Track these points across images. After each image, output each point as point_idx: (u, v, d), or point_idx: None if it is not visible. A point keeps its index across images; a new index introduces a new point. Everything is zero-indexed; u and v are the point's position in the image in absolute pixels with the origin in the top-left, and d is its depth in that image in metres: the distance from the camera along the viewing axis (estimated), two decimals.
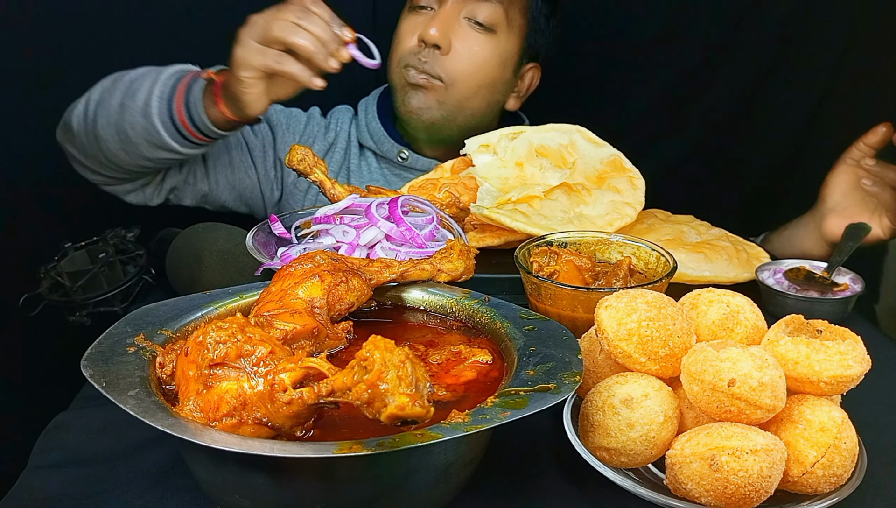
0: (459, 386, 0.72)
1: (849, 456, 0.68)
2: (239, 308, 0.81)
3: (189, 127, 1.23)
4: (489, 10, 1.47)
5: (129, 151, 1.27)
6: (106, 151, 1.29)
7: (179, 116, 1.23)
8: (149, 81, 1.26)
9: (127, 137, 1.25)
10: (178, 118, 1.23)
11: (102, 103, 1.28)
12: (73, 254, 1.21)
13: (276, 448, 0.57)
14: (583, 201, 1.23)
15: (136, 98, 1.24)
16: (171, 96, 1.23)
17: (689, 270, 1.14)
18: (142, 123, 1.23)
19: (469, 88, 1.50)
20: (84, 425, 0.85)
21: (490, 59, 1.50)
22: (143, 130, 1.23)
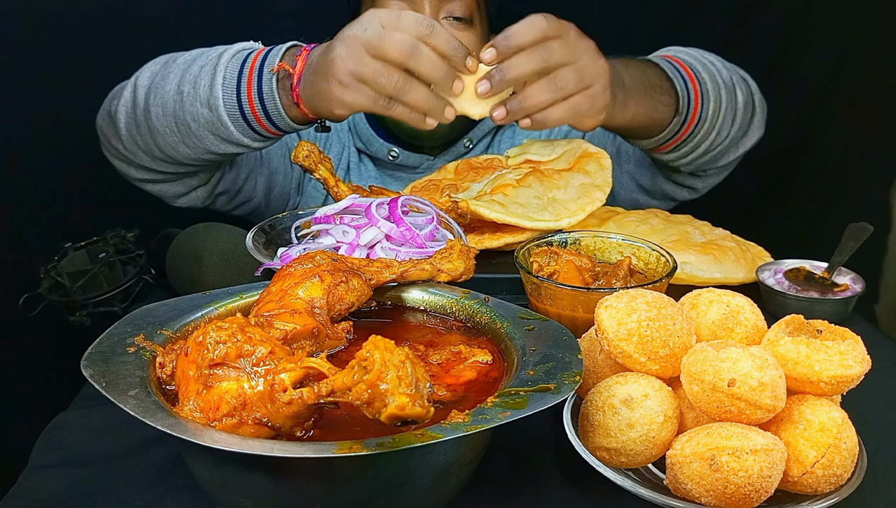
0: (459, 386, 0.72)
1: (849, 456, 0.68)
2: (239, 308, 0.81)
3: (263, 122, 1.12)
4: (465, 3, 1.44)
5: (191, 144, 1.16)
6: (163, 145, 1.18)
7: (252, 109, 1.11)
8: (209, 66, 1.13)
9: (188, 129, 1.14)
10: (251, 112, 1.11)
11: (155, 91, 1.17)
12: (73, 254, 1.21)
13: (276, 448, 0.57)
14: (555, 185, 1.23)
15: (198, 86, 1.12)
16: (238, 86, 1.11)
17: (700, 271, 1.14)
18: (206, 116, 1.12)
19: None
20: (84, 425, 0.85)
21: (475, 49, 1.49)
22: (208, 123, 1.12)
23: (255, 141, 1.16)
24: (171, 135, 1.16)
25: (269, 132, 1.14)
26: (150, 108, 1.16)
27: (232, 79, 1.11)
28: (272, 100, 1.10)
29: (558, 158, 1.33)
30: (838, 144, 1.78)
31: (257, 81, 1.10)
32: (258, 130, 1.13)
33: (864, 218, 1.31)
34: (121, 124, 1.21)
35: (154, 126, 1.17)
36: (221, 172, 1.34)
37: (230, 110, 1.11)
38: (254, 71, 1.11)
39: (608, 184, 1.24)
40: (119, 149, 1.25)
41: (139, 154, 1.23)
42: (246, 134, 1.13)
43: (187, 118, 1.13)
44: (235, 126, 1.12)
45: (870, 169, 1.80)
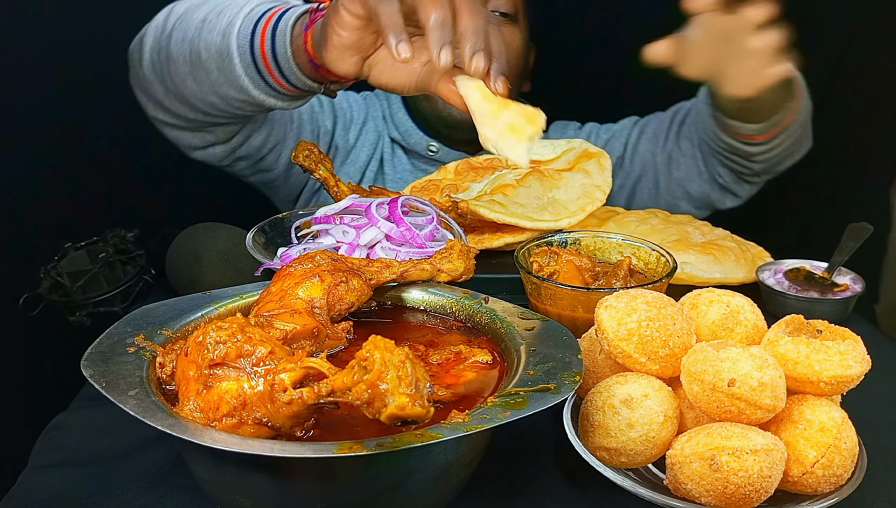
0: (459, 386, 0.72)
1: (849, 456, 0.68)
2: (239, 308, 0.81)
3: (268, 61, 1.01)
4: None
5: (199, 77, 1.08)
6: (174, 74, 1.11)
7: (261, 45, 1.01)
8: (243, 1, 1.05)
9: (199, 58, 1.06)
10: (259, 48, 1.01)
11: (185, 17, 1.10)
12: (73, 254, 1.21)
13: (276, 448, 0.57)
14: (555, 185, 1.23)
15: (223, 15, 1.05)
16: (259, 18, 1.02)
17: (701, 271, 1.14)
18: (217, 44, 1.03)
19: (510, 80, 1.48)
20: (84, 425, 0.85)
21: (519, 47, 1.49)
22: (217, 53, 1.04)
23: (256, 86, 1.04)
24: (183, 64, 1.09)
25: (271, 73, 1.03)
26: (174, 32, 1.10)
27: (259, 11, 1.03)
28: (284, 32, 1.00)
29: (558, 157, 1.33)
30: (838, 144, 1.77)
31: (280, 15, 1.01)
32: (260, 69, 1.03)
33: (864, 218, 1.31)
34: (146, 48, 1.15)
35: (172, 52, 1.10)
36: (245, 136, 1.29)
37: (240, 40, 1.02)
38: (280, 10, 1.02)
39: (608, 184, 1.24)
40: (140, 77, 1.18)
41: (156, 85, 1.16)
42: (249, 73, 1.03)
43: (200, 47, 1.06)
44: (240, 58, 1.02)
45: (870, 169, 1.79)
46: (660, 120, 1.60)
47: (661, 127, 1.58)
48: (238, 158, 1.33)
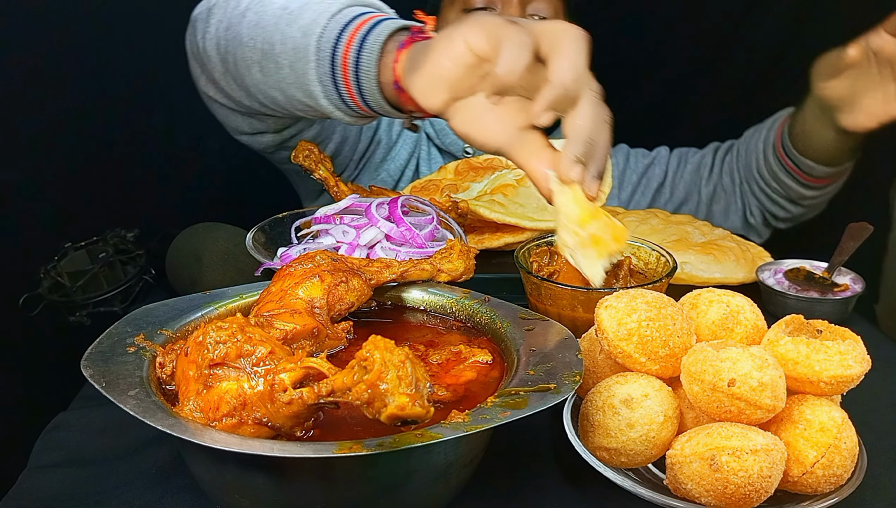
0: (459, 386, 0.72)
1: (849, 456, 0.68)
2: (239, 308, 0.81)
3: (348, 74, 0.92)
4: (552, 3, 1.45)
5: (267, 69, 0.99)
6: (240, 59, 1.02)
7: (345, 55, 0.91)
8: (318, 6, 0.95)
9: (272, 50, 0.97)
10: (342, 57, 0.92)
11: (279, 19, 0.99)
12: (73, 254, 1.21)
13: (276, 448, 0.57)
14: None
15: (307, 8, 0.96)
16: (347, 23, 0.93)
17: (700, 271, 1.14)
18: (295, 40, 0.95)
19: None
20: (84, 425, 0.85)
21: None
22: (293, 50, 0.95)
23: (325, 95, 0.95)
24: (252, 51, 1.01)
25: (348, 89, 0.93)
26: (248, 13, 1.02)
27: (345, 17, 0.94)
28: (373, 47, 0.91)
29: None
30: None
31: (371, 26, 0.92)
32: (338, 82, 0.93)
33: (864, 218, 1.31)
34: (213, 21, 1.07)
35: (242, 35, 1.02)
36: (297, 129, 1.25)
37: (323, 44, 0.92)
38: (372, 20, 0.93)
39: (608, 184, 1.24)
40: (199, 50, 1.10)
41: (216, 63, 1.08)
42: (324, 80, 0.94)
43: (275, 38, 0.97)
44: (317, 62, 0.93)
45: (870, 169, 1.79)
46: (702, 154, 1.66)
47: (705, 161, 1.64)
48: (284, 148, 1.29)
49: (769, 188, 1.49)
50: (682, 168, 1.66)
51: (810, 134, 1.36)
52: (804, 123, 1.37)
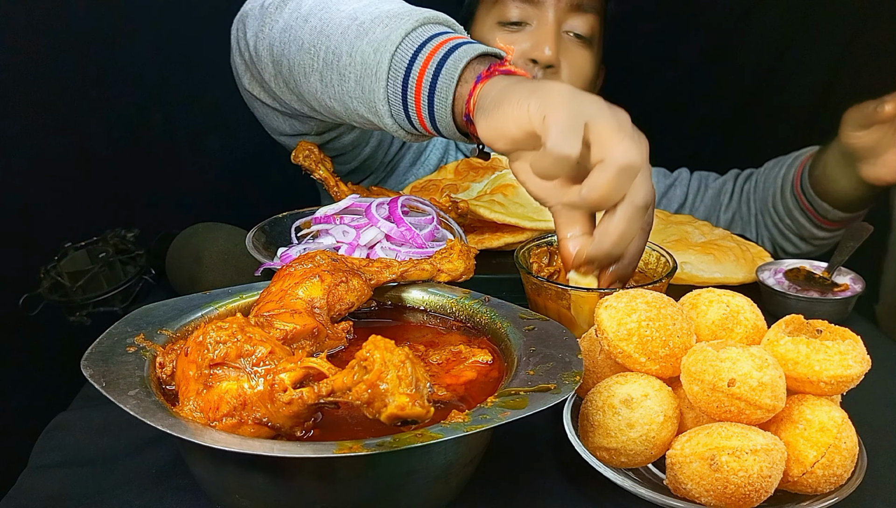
0: (459, 386, 0.72)
1: (849, 456, 0.68)
2: (239, 308, 0.81)
3: (420, 98, 0.90)
4: (588, 21, 1.45)
5: (328, 80, 0.96)
6: (297, 65, 0.99)
7: (419, 77, 0.89)
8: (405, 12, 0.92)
9: (338, 61, 0.93)
10: (416, 80, 0.89)
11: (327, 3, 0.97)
12: (73, 254, 1.21)
13: (276, 448, 0.57)
14: None
15: (378, 22, 0.91)
16: (423, 43, 0.90)
17: (700, 271, 1.14)
18: (365, 55, 0.91)
19: None
20: (84, 425, 0.85)
21: (591, 71, 1.50)
22: (363, 65, 0.91)
23: (391, 115, 0.93)
24: (314, 59, 0.97)
25: (418, 113, 0.91)
26: (311, 17, 0.98)
27: (421, 36, 0.90)
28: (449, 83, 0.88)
29: None
30: None
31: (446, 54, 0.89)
32: (408, 104, 0.91)
33: (864, 218, 1.31)
34: (268, 19, 1.03)
35: (304, 41, 0.97)
36: (338, 133, 1.24)
37: (396, 63, 0.89)
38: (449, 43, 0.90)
39: None
40: (250, 47, 1.06)
41: (268, 65, 1.05)
42: (392, 100, 0.91)
43: (343, 49, 0.93)
44: (388, 83, 0.90)
45: None
46: (723, 180, 1.69)
47: (726, 187, 1.66)
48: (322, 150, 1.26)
49: (782, 224, 1.52)
50: (703, 192, 1.68)
51: (830, 179, 1.38)
52: (825, 168, 1.39)
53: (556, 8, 1.43)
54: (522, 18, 1.44)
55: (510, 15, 1.44)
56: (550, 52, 1.40)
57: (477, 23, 1.52)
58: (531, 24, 1.44)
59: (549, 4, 1.43)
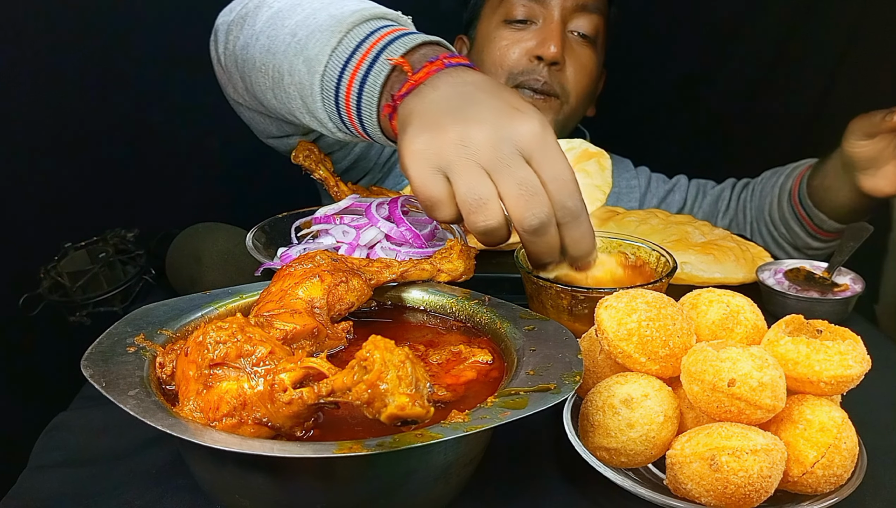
0: (459, 386, 0.72)
1: (849, 456, 0.68)
2: (239, 308, 0.81)
3: (352, 114, 0.90)
4: (592, 21, 1.47)
5: (279, 97, 0.98)
6: (255, 83, 1.02)
7: (346, 96, 0.89)
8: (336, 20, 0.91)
9: (282, 80, 0.95)
10: (345, 99, 0.89)
11: (276, 21, 0.98)
12: (73, 254, 1.22)
13: (276, 448, 0.57)
14: None
15: (312, 39, 0.91)
16: (348, 59, 0.88)
17: (700, 271, 1.14)
18: (301, 74, 0.92)
19: (580, 102, 1.51)
20: (84, 425, 0.85)
21: (594, 70, 1.52)
22: (300, 85, 0.92)
23: (338, 129, 0.95)
24: (264, 76, 0.99)
25: (355, 129, 0.93)
26: (261, 36, 0.99)
27: (347, 49, 0.89)
28: (371, 93, 0.88)
29: None
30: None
31: (369, 64, 0.88)
32: (344, 120, 0.92)
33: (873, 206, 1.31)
34: (231, 36, 1.06)
35: (255, 59, 1.00)
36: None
37: (326, 84, 0.90)
38: (373, 50, 0.88)
39: (608, 184, 1.24)
40: (220, 62, 1.10)
41: (236, 77, 1.07)
42: (332, 117, 0.92)
43: (284, 68, 0.94)
44: (324, 103, 0.91)
45: None
46: (721, 188, 1.70)
47: (724, 195, 1.68)
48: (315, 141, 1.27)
49: (777, 232, 1.52)
50: (701, 198, 1.70)
51: (828, 189, 1.39)
52: (824, 177, 1.40)
53: (562, 7, 1.45)
54: (528, 17, 1.47)
55: (516, 13, 1.46)
56: (556, 49, 1.42)
57: (483, 21, 1.53)
58: (537, 23, 1.46)
59: (554, 3, 1.45)
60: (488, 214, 0.76)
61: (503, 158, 0.74)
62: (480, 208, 0.75)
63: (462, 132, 0.75)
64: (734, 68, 1.90)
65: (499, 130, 0.75)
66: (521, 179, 0.75)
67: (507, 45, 1.47)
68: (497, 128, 0.75)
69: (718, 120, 1.94)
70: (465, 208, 0.76)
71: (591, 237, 0.81)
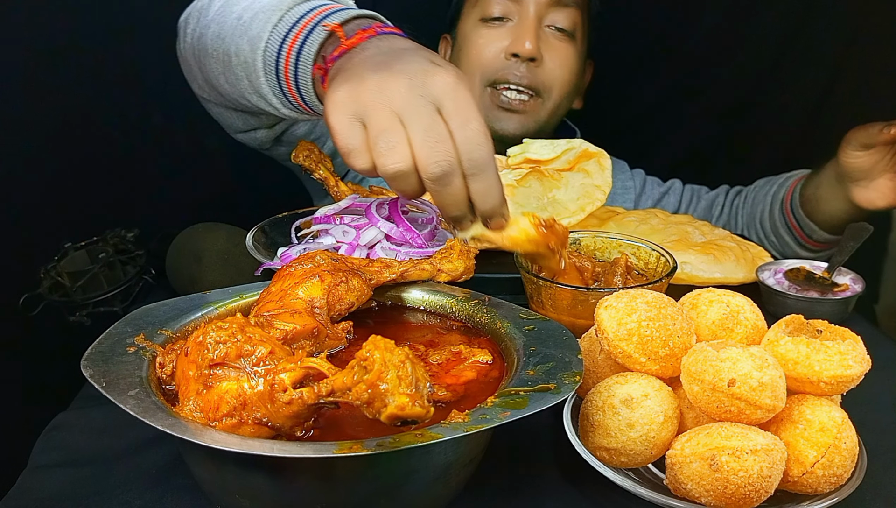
0: (459, 386, 0.71)
1: (849, 456, 0.68)
2: (239, 308, 0.81)
3: (292, 88, 0.94)
4: (569, 15, 1.47)
5: (230, 80, 1.01)
6: (208, 69, 1.05)
7: (286, 69, 0.92)
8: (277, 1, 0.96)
9: (230, 62, 0.99)
10: (283, 72, 0.93)
11: (225, 8, 1.02)
12: (73, 254, 1.22)
13: (276, 448, 0.57)
14: (555, 185, 1.23)
15: (256, 19, 0.96)
16: (286, 35, 0.93)
17: (700, 271, 1.14)
18: (245, 53, 0.96)
19: (561, 97, 1.51)
20: (84, 425, 0.85)
21: (575, 64, 1.51)
22: (245, 64, 0.96)
23: (283, 105, 0.98)
24: (216, 62, 1.02)
25: (295, 99, 0.95)
26: (212, 24, 1.03)
27: (287, 24, 0.93)
28: (307, 59, 0.91)
29: (558, 157, 1.33)
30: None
31: (307, 32, 0.91)
32: (286, 92, 0.95)
33: (864, 218, 1.31)
34: (189, 29, 1.10)
35: (207, 46, 1.03)
36: (289, 123, 1.26)
37: (267, 59, 0.93)
38: (311, 23, 0.92)
39: (608, 184, 1.24)
40: (182, 56, 1.13)
41: (195, 70, 1.11)
42: (275, 91, 0.96)
43: (231, 50, 0.98)
44: (266, 77, 0.95)
45: None
46: (715, 194, 1.72)
47: (718, 200, 1.69)
48: (280, 143, 1.31)
49: (767, 241, 1.54)
50: (696, 203, 1.71)
51: (821, 199, 1.40)
52: (817, 188, 1.40)
53: (537, 3, 1.45)
54: (504, 14, 1.47)
55: (492, 11, 1.46)
56: (531, 45, 1.42)
57: (462, 20, 1.54)
58: (512, 20, 1.46)
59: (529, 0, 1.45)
60: (396, 157, 0.76)
61: (414, 104, 0.76)
62: (389, 151, 0.76)
63: (380, 81, 0.77)
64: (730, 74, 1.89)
65: (413, 79, 0.77)
66: (428, 126, 0.75)
67: (483, 44, 1.48)
68: (412, 77, 0.77)
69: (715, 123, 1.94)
70: (375, 152, 0.77)
71: (497, 191, 0.81)
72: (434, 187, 0.79)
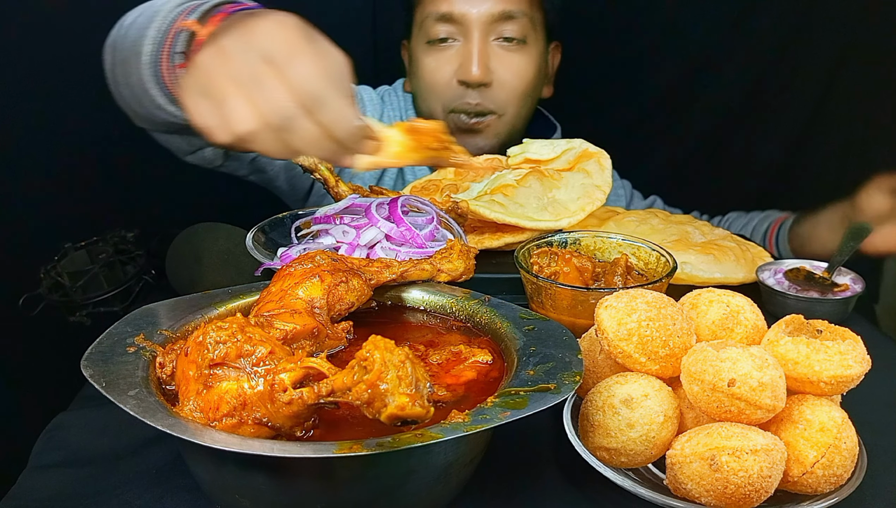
0: (459, 386, 0.72)
1: (849, 456, 0.68)
2: (239, 308, 0.81)
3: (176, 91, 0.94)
4: (518, 24, 1.44)
5: (141, 101, 1.01)
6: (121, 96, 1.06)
7: (166, 77, 0.95)
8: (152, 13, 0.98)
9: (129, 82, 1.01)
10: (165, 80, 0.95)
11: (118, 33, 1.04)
12: (73, 254, 1.22)
13: (276, 448, 0.57)
14: (555, 185, 1.23)
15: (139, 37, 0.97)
16: (160, 46, 0.95)
17: (700, 271, 1.14)
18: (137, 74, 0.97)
19: (520, 105, 1.50)
20: (84, 425, 0.85)
21: (529, 68, 1.49)
22: (139, 83, 0.98)
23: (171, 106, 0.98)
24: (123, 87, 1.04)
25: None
26: (117, 49, 1.04)
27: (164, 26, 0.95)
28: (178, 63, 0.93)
29: (558, 157, 1.33)
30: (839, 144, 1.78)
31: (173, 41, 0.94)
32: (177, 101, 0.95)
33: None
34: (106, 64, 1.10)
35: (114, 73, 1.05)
36: None
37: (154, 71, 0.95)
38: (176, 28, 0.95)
39: (608, 184, 1.24)
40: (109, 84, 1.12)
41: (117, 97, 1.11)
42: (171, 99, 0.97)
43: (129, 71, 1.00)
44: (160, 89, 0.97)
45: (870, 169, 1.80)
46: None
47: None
48: (230, 158, 1.30)
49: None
50: None
51: (817, 239, 1.39)
52: (815, 226, 1.40)
53: (480, 23, 1.41)
54: (448, 35, 1.44)
55: (437, 33, 1.44)
56: (478, 71, 1.41)
57: (412, 38, 1.53)
58: (458, 41, 1.44)
59: (472, 21, 1.41)
60: (240, 119, 0.74)
61: (241, 62, 0.75)
62: (232, 115, 0.75)
63: (210, 54, 0.77)
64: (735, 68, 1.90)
65: (238, 39, 0.76)
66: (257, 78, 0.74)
67: (433, 69, 1.46)
68: (237, 38, 0.76)
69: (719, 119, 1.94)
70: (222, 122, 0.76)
71: (347, 116, 0.76)
72: (284, 137, 0.76)
